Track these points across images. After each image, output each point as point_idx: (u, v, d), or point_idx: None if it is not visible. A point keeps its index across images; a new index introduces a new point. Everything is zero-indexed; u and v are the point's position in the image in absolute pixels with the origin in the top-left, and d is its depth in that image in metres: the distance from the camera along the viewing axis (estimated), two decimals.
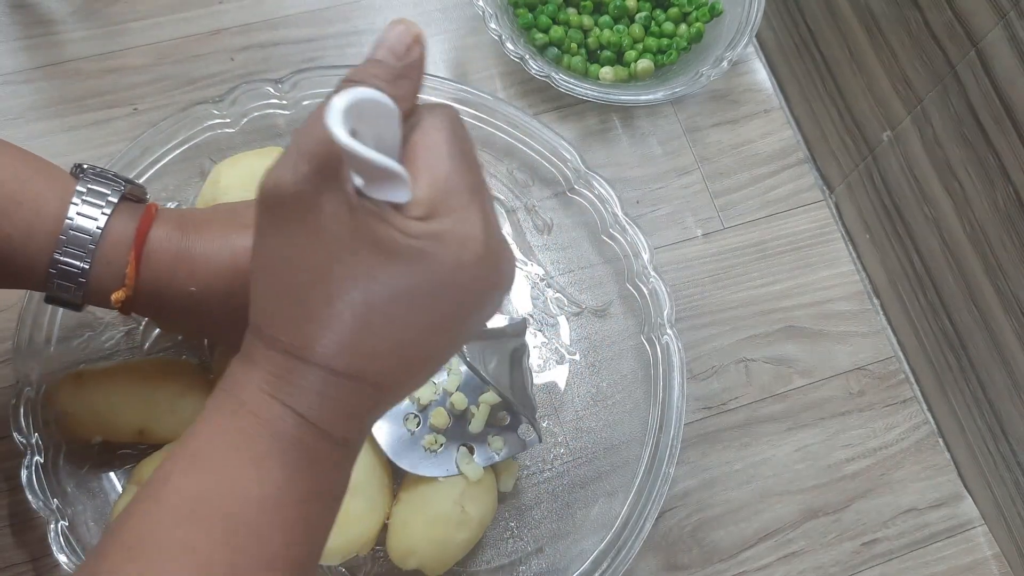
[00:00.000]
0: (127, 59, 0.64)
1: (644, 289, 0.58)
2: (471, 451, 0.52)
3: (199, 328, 0.47)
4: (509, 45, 0.60)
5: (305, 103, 0.60)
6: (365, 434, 0.32)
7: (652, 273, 0.57)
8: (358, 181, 0.28)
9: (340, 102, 0.25)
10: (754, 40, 0.68)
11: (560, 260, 0.61)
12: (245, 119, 0.58)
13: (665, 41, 0.65)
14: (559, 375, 0.58)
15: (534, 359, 0.59)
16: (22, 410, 0.49)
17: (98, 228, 0.40)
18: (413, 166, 0.29)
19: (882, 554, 0.58)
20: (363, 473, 0.49)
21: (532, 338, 0.59)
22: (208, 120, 0.57)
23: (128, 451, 0.52)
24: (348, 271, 0.28)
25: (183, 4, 0.66)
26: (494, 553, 0.54)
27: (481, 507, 0.50)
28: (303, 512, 0.29)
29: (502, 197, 0.62)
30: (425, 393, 0.52)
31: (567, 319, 0.60)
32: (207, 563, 0.27)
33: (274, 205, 0.29)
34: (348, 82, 0.29)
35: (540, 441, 0.53)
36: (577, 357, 0.59)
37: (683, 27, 0.66)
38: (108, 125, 0.62)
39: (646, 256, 0.57)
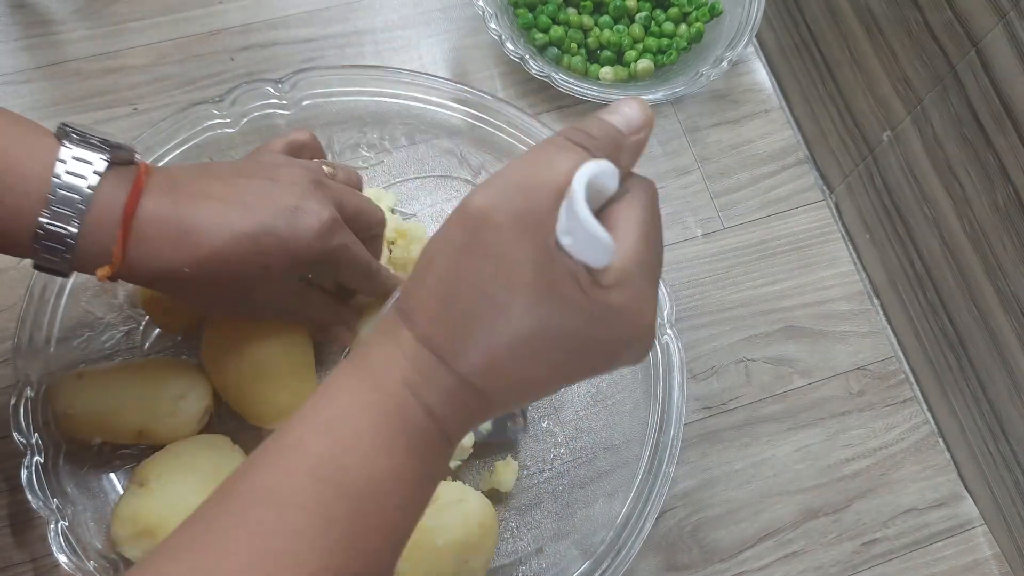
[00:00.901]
0: (127, 59, 0.64)
1: None
2: None
3: (184, 296, 0.47)
4: (509, 45, 0.60)
5: (305, 103, 0.60)
6: (463, 435, 0.34)
7: None
8: (564, 238, 0.30)
9: (586, 172, 0.28)
10: (754, 40, 0.68)
11: None
12: (245, 119, 0.58)
13: (665, 41, 0.65)
14: None
15: None
16: (22, 410, 0.49)
17: (89, 188, 0.39)
18: (616, 230, 0.31)
19: (882, 554, 0.58)
20: None
21: None
22: (208, 120, 0.57)
23: (128, 451, 0.52)
24: (524, 310, 0.29)
25: (183, 4, 0.66)
26: (494, 553, 0.54)
27: (483, 556, 0.49)
28: (415, 492, 0.32)
29: None
30: None
31: None
32: (331, 520, 0.29)
33: (477, 227, 0.30)
34: (582, 135, 0.31)
35: (526, 431, 0.55)
36: None
37: (683, 27, 0.66)
38: (108, 125, 0.62)
39: None
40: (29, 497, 0.47)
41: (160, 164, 0.56)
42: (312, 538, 0.29)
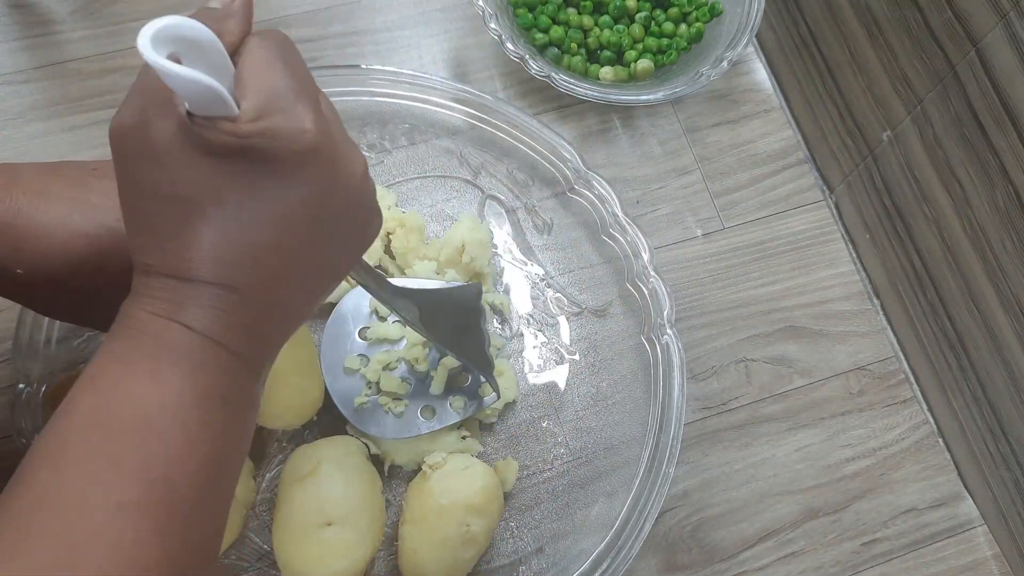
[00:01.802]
0: (127, 59, 0.64)
1: (644, 289, 0.58)
2: (432, 412, 0.54)
3: (29, 302, 0.44)
4: (509, 45, 0.60)
5: None
6: (267, 354, 0.34)
7: (652, 273, 0.57)
8: (185, 104, 0.29)
9: (150, 27, 0.27)
10: (754, 40, 0.68)
11: (560, 260, 0.61)
12: None
13: (665, 41, 0.65)
14: (559, 375, 0.58)
15: (534, 359, 0.59)
16: (22, 410, 0.49)
17: None
18: (240, 81, 0.30)
19: (882, 554, 0.58)
20: (352, 505, 0.49)
21: (532, 338, 0.59)
22: None
23: None
24: (192, 185, 0.30)
25: (183, 4, 0.66)
26: (494, 553, 0.54)
27: (486, 521, 0.50)
28: (204, 414, 0.31)
29: (502, 197, 0.62)
30: (382, 358, 0.54)
31: (567, 319, 0.60)
32: (118, 463, 0.29)
33: (120, 143, 0.30)
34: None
35: (498, 397, 0.55)
36: (577, 357, 0.59)
37: (683, 27, 0.66)
38: (108, 125, 0.61)
39: (646, 256, 0.57)
40: None
41: None
42: (97, 481, 0.28)
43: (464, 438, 0.54)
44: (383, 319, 0.56)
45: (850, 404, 0.61)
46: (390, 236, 0.59)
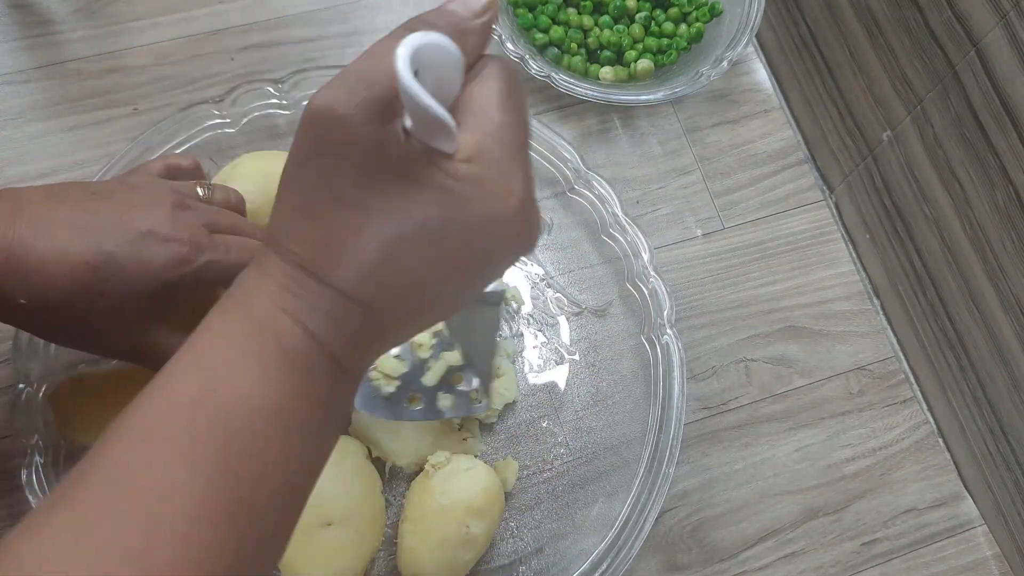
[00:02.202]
0: (127, 59, 0.64)
1: (644, 289, 0.58)
2: (420, 402, 0.51)
3: (29, 328, 0.44)
4: (509, 45, 0.60)
5: (305, 103, 0.60)
6: (365, 367, 0.32)
7: (652, 273, 0.57)
8: (408, 122, 0.28)
9: (411, 43, 0.26)
10: (754, 40, 0.68)
11: (560, 260, 0.61)
12: (245, 119, 0.58)
13: (665, 41, 0.65)
14: (559, 375, 0.58)
15: (534, 359, 0.59)
16: (22, 410, 0.49)
17: None
18: (466, 112, 0.29)
19: (882, 554, 0.58)
20: (352, 505, 0.49)
21: (532, 338, 0.59)
22: (208, 120, 0.57)
23: None
24: (384, 201, 0.28)
25: (183, 4, 0.66)
26: (494, 553, 0.54)
27: (486, 523, 0.50)
28: (301, 424, 0.29)
29: None
30: None
31: (567, 319, 0.60)
32: (212, 461, 0.27)
33: (320, 124, 0.28)
34: (419, 22, 0.29)
35: (488, 408, 0.53)
36: (577, 357, 0.59)
37: (683, 27, 0.66)
38: (108, 125, 0.62)
39: (646, 256, 0.57)
40: (29, 497, 0.47)
41: None
42: (182, 469, 0.27)
43: (465, 439, 0.54)
44: None
45: (850, 404, 0.61)
46: None
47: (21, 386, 0.49)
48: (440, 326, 0.52)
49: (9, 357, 0.50)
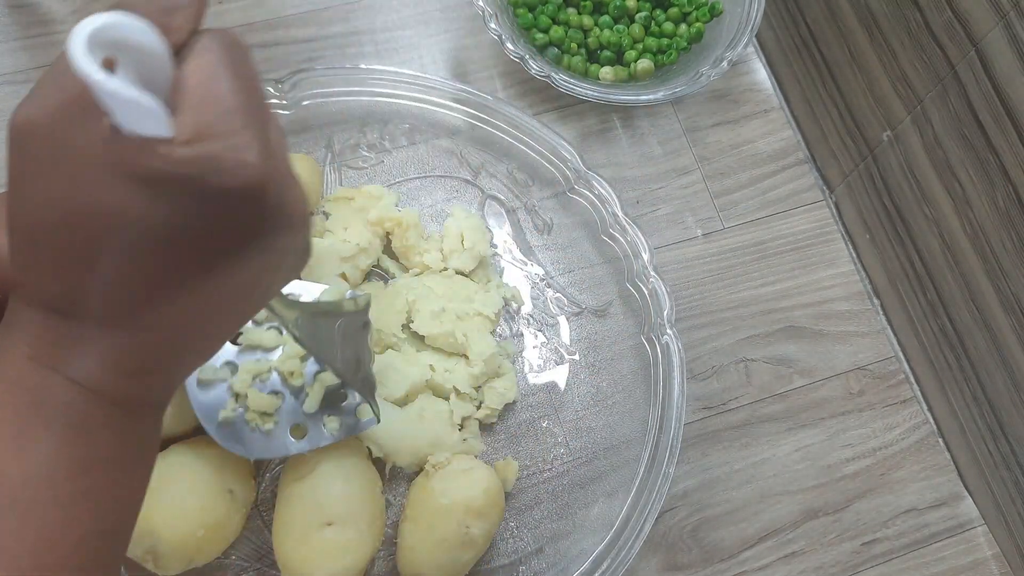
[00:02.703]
0: None
1: (644, 289, 0.58)
2: (304, 432, 0.49)
3: None
4: (509, 45, 0.60)
5: (305, 103, 0.60)
6: (161, 392, 0.29)
7: (652, 273, 0.57)
8: (122, 123, 0.25)
9: (85, 27, 0.23)
10: (754, 40, 0.68)
11: (560, 260, 0.61)
12: None
13: (665, 41, 0.65)
14: (559, 375, 0.58)
15: (534, 359, 0.59)
16: None
17: None
18: (181, 92, 0.26)
19: (882, 554, 0.58)
20: (352, 504, 0.49)
21: (532, 338, 0.59)
22: None
23: None
24: (108, 210, 0.24)
25: None
26: (494, 553, 0.54)
27: (486, 524, 0.50)
28: (83, 484, 0.26)
29: (502, 197, 0.62)
30: (252, 368, 0.49)
31: (567, 319, 0.60)
32: None
33: (25, 142, 0.25)
34: (114, 4, 0.26)
35: (378, 422, 0.50)
36: (577, 357, 0.59)
37: (683, 27, 0.66)
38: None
39: (646, 256, 0.57)
40: None
41: None
42: None
43: (466, 440, 0.54)
44: (259, 323, 0.51)
45: (850, 404, 0.61)
46: (390, 236, 0.59)
47: None
48: (302, 351, 0.50)
49: None
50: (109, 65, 0.24)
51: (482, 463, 0.52)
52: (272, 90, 0.58)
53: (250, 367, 0.50)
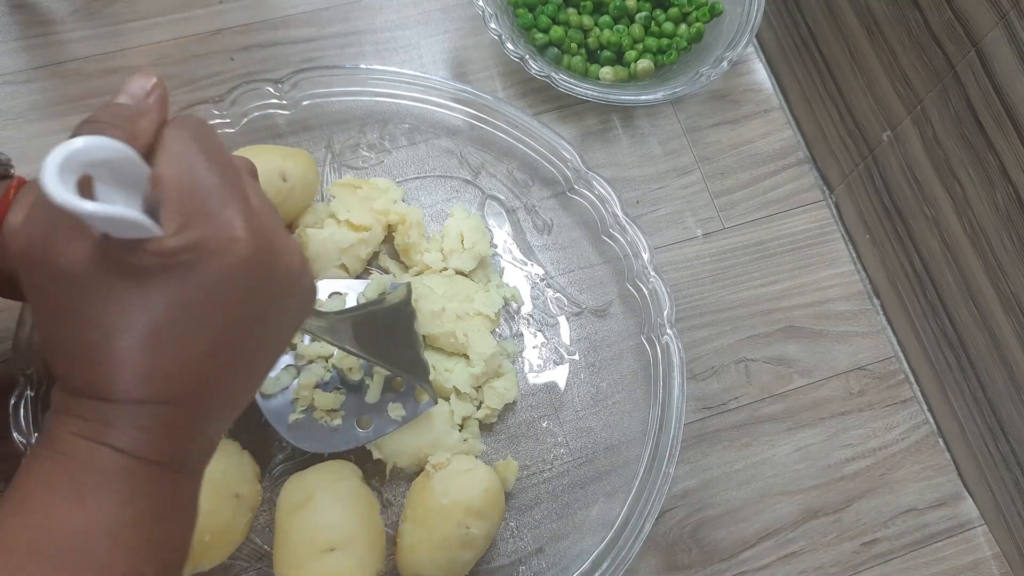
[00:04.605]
0: (127, 59, 0.64)
1: (644, 289, 0.58)
2: (370, 421, 0.52)
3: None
4: (509, 45, 0.60)
5: (305, 103, 0.60)
6: (201, 455, 0.32)
7: (652, 273, 0.57)
8: (100, 231, 0.27)
9: (55, 159, 0.25)
10: (754, 40, 0.68)
11: (560, 260, 0.61)
12: (245, 119, 0.58)
13: (665, 41, 0.65)
14: (559, 375, 0.58)
15: (534, 359, 0.59)
16: (22, 410, 0.49)
17: None
18: (158, 183, 0.28)
19: (882, 554, 0.58)
20: (351, 529, 0.48)
21: (532, 338, 0.59)
22: (208, 120, 0.57)
23: None
24: (118, 306, 0.28)
25: (183, 4, 0.66)
26: (494, 553, 0.54)
27: (486, 524, 0.50)
28: (144, 535, 0.29)
29: (502, 197, 0.62)
30: (309, 380, 0.52)
31: (567, 319, 0.60)
32: None
33: (27, 261, 0.28)
34: (85, 125, 0.29)
35: (435, 403, 0.53)
36: (577, 357, 0.59)
37: (683, 27, 0.66)
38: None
39: (646, 256, 0.57)
40: None
41: None
42: None
43: (466, 440, 0.54)
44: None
45: (850, 404, 0.61)
46: (392, 233, 0.59)
47: (21, 386, 0.49)
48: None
49: (9, 357, 0.50)
50: (87, 183, 0.26)
51: (482, 464, 0.52)
52: (272, 90, 0.58)
53: (307, 381, 0.52)
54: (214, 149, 0.30)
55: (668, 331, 0.56)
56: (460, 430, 0.55)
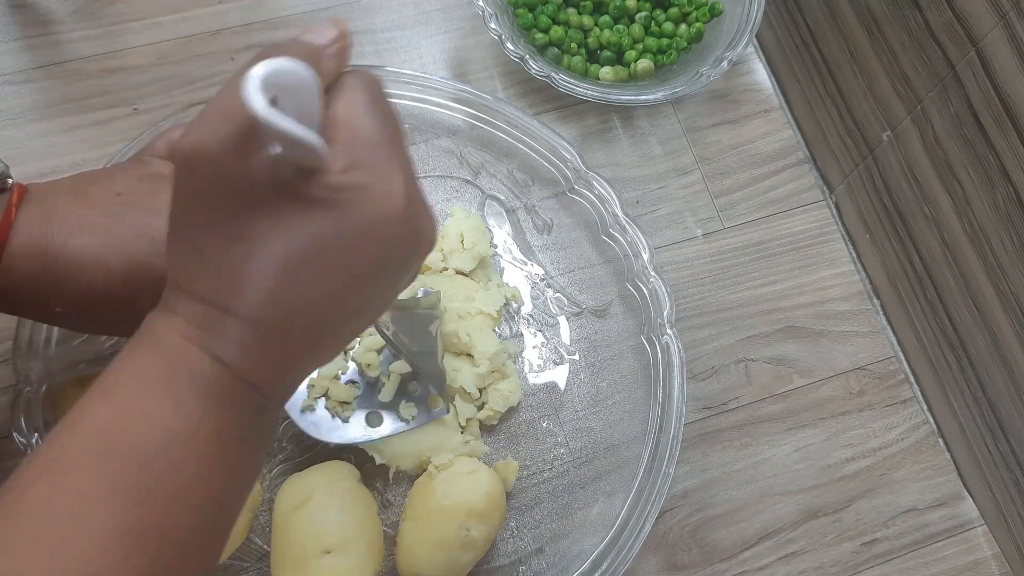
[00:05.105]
0: (127, 59, 0.64)
1: (644, 289, 0.58)
2: (380, 419, 0.52)
3: (61, 324, 0.46)
4: (509, 45, 0.60)
5: None
6: (286, 391, 0.33)
7: (652, 273, 0.57)
8: (273, 148, 0.28)
9: (258, 71, 0.26)
10: (754, 40, 0.68)
11: (560, 260, 0.61)
12: None
13: (665, 41, 0.65)
14: (559, 375, 0.58)
15: (534, 359, 0.59)
16: (22, 410, 0.49)
17: None
18: (334, 127, 0.30)
19: (882, 554, 0.58)
20: (350, 530, 0.48)
21: (532, 338, 0.59)
22: None
23: None
24: (269, 225, 0.28)
25: (183, 4, 0.66)
26: (494, 553, 0.54)
27: (486, 527, 0.50)
28: (218, 449, 0.30)
29: (502, 197, 0.62)
30: (338, 362, 0.53)
31: (567, 319, 0.60)
32: (122, 487, 0.28)
33: (192, 167, 0.29)
34: (273, 49, 0.29)
35: (447, 412, 0.53)
36: (577, 357, 0.59)
37: (683, 27, 0.66)
38: (108, 125, 0.62)
39: (646, 256, 0.57)
40: None
41: None
42: (93, 496, 0.27)
43: (468, 442, 0.54)
44: None
45: (850, 404, 0.61)
46: None
47: (21, 386, 0.49)
48: (380, 341, 0.53)
49: (9, 357, 0.50)
50: (273, 103, 0.27)
51: (484, 466, 0.52)
52: None
53: (330, 367, 0.52)
54: (386, 106, 0.31)
55: (668, 331, 0.56)
56: (462, 432, 0.55)
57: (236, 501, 0.32)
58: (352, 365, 0.53)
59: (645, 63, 0.64)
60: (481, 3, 0.61)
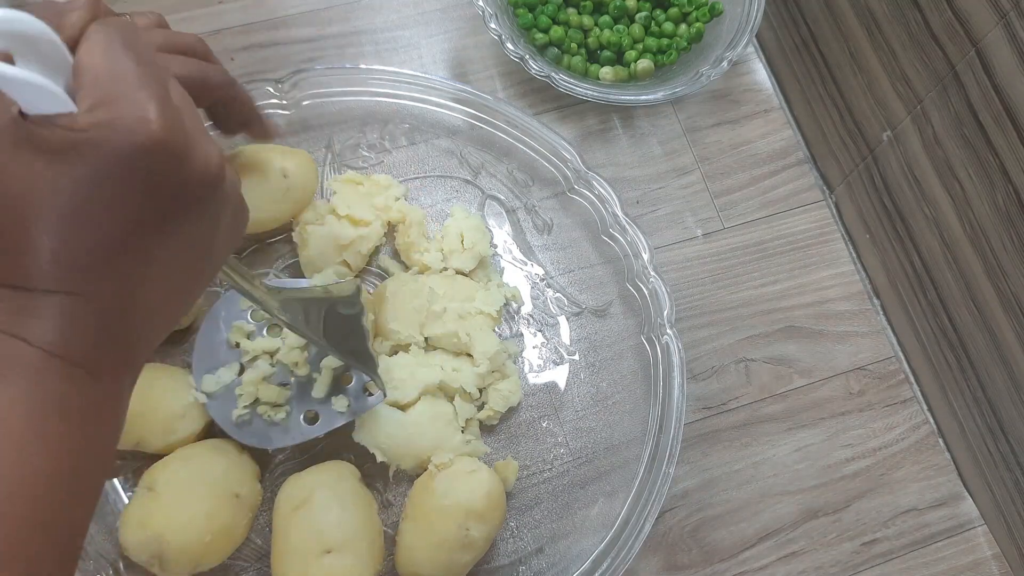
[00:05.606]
0: None
1: (644, 289, 0.58)
2: (316, 416, 0.51)
3: None
4: (509, 45, 0.60)
5: (305, 103, 0.60)
6: (119, 360, 0.31)
7: (652, 273, 0.57)
8: (27, 108, 0.28)
9: None
10: (754, 40, 0.68)
11: (560, 260, 0.61)
12: None
13: (665, 41, 0.65)
14: (559, 375, 0.58)
15: (534, 359, 0.59)
16: None
17: None
18: (77, 71, 0.29)
19: (882, 554, 0.58)
20: (350, 530, 0.48)
21: (532, 338, 0.59)
22: (208, 120, 0.57)
23: (125, 460, 0.52)
24: (26, 186, 0.27)
25: (183, 4, 0.66)
26: (494, 553, 0.54)
27: (486, 527, 0.50)
28: (35, 428, 0.28)
29: (502, 197, 0.62)
30: (253, 377, 0.51)
31: (567, 319, 0.60)
32: None
33: None
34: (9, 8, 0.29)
35: (385, 396, 0.52)
36: (577, 357, 0.59)
37: (683, 27, 0.66)
38: None
39: (646, 256, 0.57)
40: None
41: None
42: None
43: (468, 442, 0.54)
44: (258, 323, 0.53)
45: (850, 404, 0.61)
46: (394, 231, 0.59)
47: None
48: (302, 340, 0.52)
49: None
50: (8, 58, 0.26)
51: (485, 466, 0.52)
52: (272, 90, 0.58)
53: (252, 377, 0.51)
54: (137, 43, 0.30)
55: (668, 331, 0.56)
56: (463, 431, 0.55)
57: (80, 474, 0.30)
58: (278, 369, 0.52)
59: (645, 63, 0.64)
60: (481, 3, 0.61)
